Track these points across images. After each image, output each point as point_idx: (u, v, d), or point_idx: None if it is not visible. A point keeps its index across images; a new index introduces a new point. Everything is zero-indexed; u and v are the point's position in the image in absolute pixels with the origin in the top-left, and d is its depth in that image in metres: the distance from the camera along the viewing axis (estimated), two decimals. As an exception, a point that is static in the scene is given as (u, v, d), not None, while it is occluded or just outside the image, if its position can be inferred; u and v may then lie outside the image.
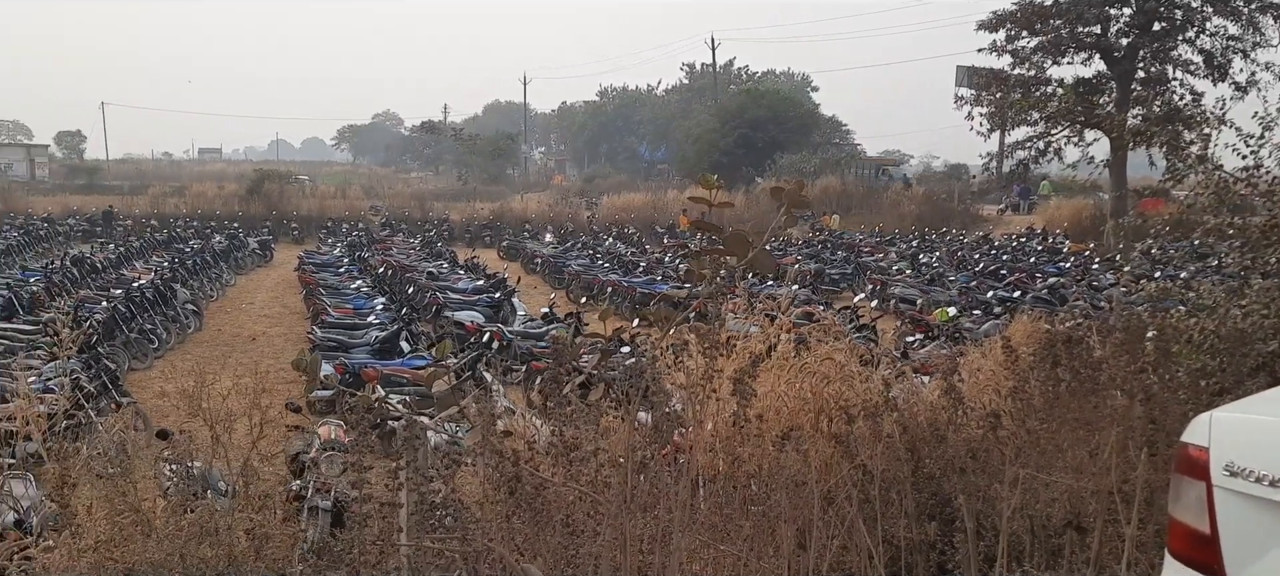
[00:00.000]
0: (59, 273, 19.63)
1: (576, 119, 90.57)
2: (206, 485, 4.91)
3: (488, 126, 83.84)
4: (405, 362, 11.90)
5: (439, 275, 21.06)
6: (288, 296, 22.06)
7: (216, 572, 3.16)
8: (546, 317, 14.87)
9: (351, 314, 15.84)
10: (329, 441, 7.54)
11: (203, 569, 3.15)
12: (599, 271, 22.22)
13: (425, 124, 72.93)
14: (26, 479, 6.01)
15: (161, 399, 11.88)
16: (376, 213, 40.19)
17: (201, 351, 15.50)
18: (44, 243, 29.79)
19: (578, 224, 37.78)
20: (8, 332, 13.63)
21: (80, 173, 65.00)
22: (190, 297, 18.10)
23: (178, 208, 39.28)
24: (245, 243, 28.69)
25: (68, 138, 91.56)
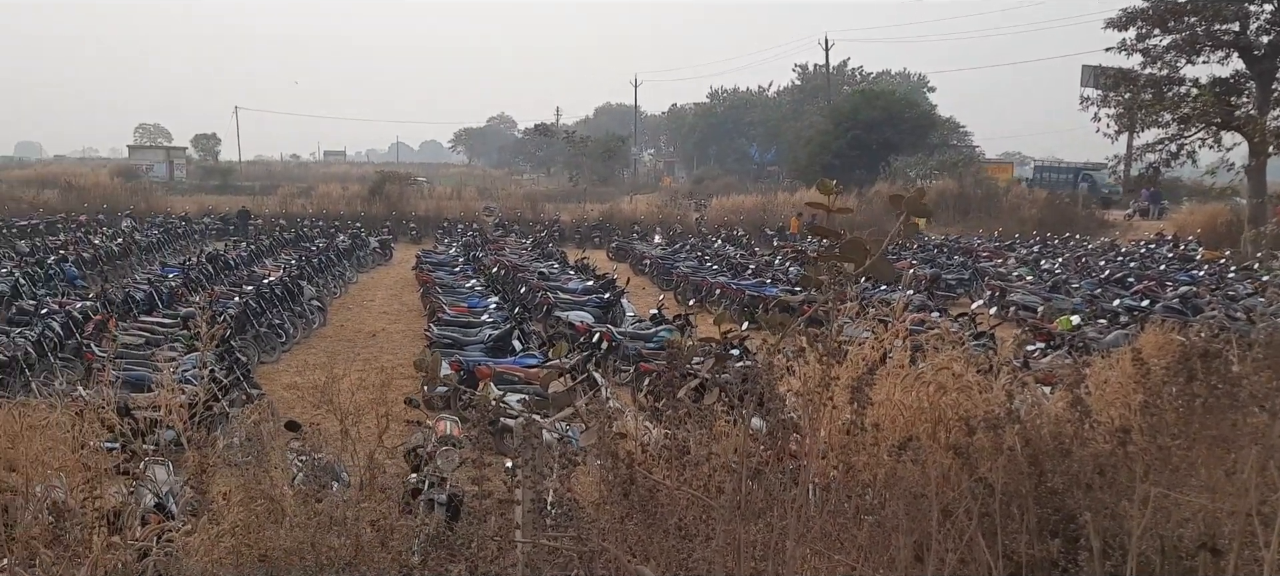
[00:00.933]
0: (195, 269, 20.71)
1: (686, 121, 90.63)
2: (332, 476, 5.12)
3: (599, 129, 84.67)
4: (517, 361, 12.13)
5: (550, 275, 21.39)
6: (406, 294, 22.76)
7: (345, 561, 3.29)
8: (655, 319, 14.94)
9: (466, 312, 16.24)
10: (445, 437, 7.76)
11: (332, 557, 3.28)
12: (707, 274, 22.19)
13: (538, 126, 74.16)
14: (166, 465, 6.37)
15: (289, 391, 12.41)
16: (490, 213, 41.07)
17: (325, 346, 16.15)
18: (181, 240, 31.48)
19: (686, 226, 37.83)
20: (149, 325, 14.43)
21: (215, 174, 68.41)
22: (315, 294, 18.83)
23: (304, 208, 40.95)
24: (367, 242, 29.72)
25: (204, 140, 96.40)
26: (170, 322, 14.49)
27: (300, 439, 5.69)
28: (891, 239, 2.56)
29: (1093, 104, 34.13)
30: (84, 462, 4.59)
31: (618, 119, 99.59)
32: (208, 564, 3.39)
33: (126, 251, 25.98)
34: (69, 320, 13.70)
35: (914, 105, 56.90)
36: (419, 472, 7.14)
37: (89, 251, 24.24)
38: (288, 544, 3.29)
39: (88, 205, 39.56)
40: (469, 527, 2.86)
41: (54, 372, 12.24)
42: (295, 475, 5.15)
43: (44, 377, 11.88)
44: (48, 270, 20.57)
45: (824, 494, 3.24)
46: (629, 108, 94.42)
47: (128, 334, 13.37)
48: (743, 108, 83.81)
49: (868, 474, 3.44)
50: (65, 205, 39.82)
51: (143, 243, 28.08)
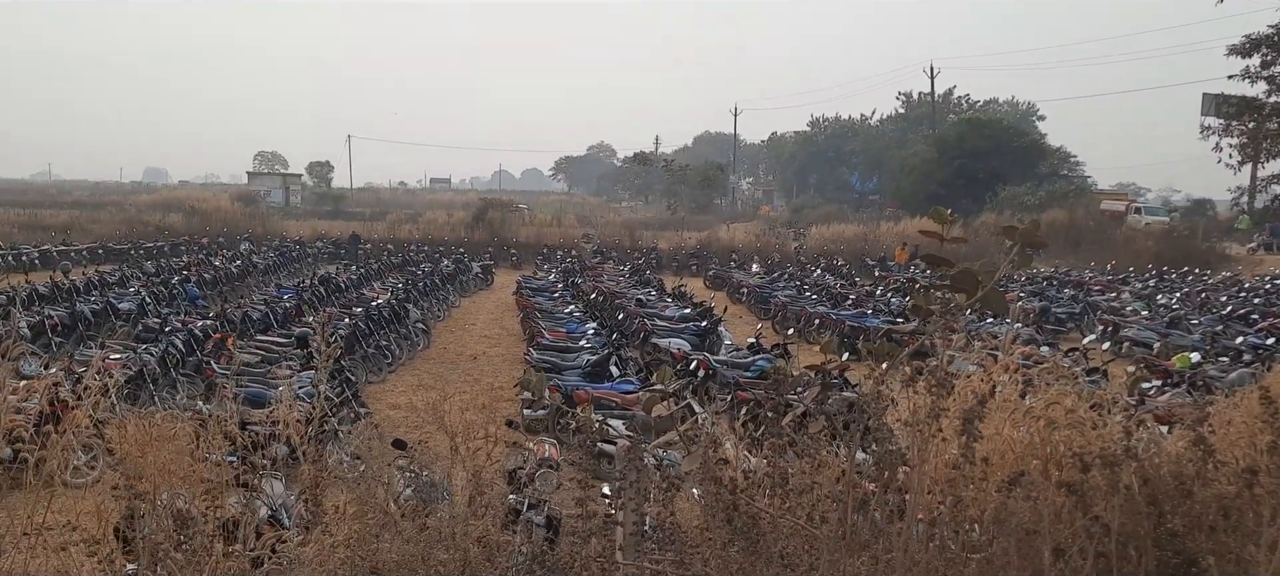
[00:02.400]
0: (308, 291, 21.50)
1: (786, 149, 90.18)
2: (436, 494, 5.25)
3: (697, 157, 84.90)
4: (614, 386, 12.21)
5: (647, 302, 21.50)
6: (506, 319, 23.17)
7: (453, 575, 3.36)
8: (752, 348, 14.85)
9: (564, 337, 16.43)
10: (544, 459, 7.86)
11: (441, 571, 3.36)
12: (806, 303, 21.97)
13: (637, 155, 74.76)
14: (280, 478, 6.62)
15: (393, 411, 12.77)
16: (588, 240, 41.55)
17: (429, 368, 16.55)
18: (296, 263, 32.76)
19: (785, 254, 37.57)
20: (265, 344, 15.03)
21: (328, 200, 71.05)
22: (420, 317, 19.32)
23: (411, 233, 42.16)
24: (469, 267, 30.40)
25: (318, 168, 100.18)
26: (284, 342, 15.05)
27: (406, 457, 5.85)
28: (1004, 270, 2.51)
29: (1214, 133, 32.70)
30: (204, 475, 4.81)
31: (717, 147, 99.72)
32: (321, 573, 3.51)
33: (244, 273, 27.19)
34: (191, 338, 14.37)
35: (1023, 134, 55.48)
36: (518, 494, 7.24)
37: (210, 273, 25.42)
38: (398, 557, 3.39)
39: (209, 229, 41.55)
40: (572, 547, 2.89)
41: (176, 387, 12.85)
42: (401, 491, 5.30)
43: (167, 391, 12.49)
44: (172, 290, 21.63)
45: (930, 528, 3.17)
46: (728, 136, 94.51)
47: (245, 352, 13.94)
48: (844, 136, 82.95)
49: (975, 509, 3.36)
50: (189, 229, 41.92)
51: (260, 265, 29.34)
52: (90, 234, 38.70)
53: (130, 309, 18.54)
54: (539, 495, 6.98)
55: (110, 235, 38.51)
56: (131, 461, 4.36)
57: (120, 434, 4.41)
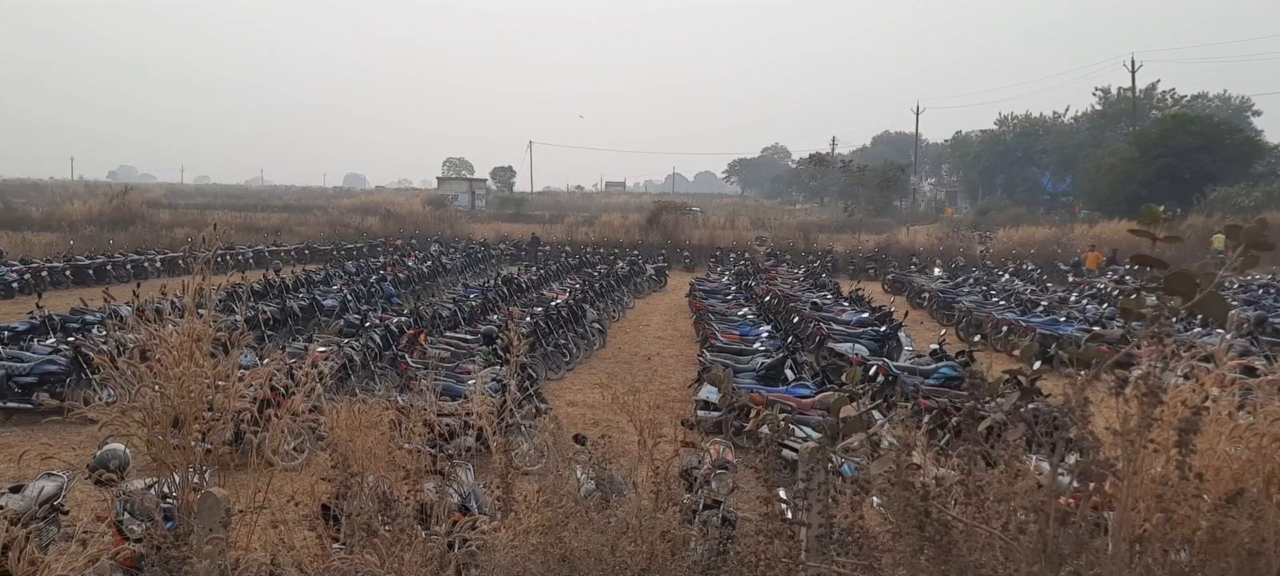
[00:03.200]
0: (492, 291, 22.40)
1: (971, 149, 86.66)
2: (615, 488, 5.37)
3: (876, 157, 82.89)
4: (790, 390, 12.10)
5: (823, 306, 21.18)
6: (679, 320, 23.37)
7: (639, 568, 3.44)
8: (935, 355, 14.36)
9: (738, 340, 16.42)
10: (720, 460, 7.90)
11: (628, 563, 3.45)
12: (993, 309, 21.04)
13: (813, 156, 73.82)
14: (469, 468, 6.95)
15: (572, 407, 13.12)
16: (762, 243, 41.32)
17: (605, 367, 16.90)
18: (480, 264, 34.22)
19: (970, 258, 36.15)
20: (453, 340, 15.77)
21: (509, 203, 73.89)
22: (597, 317, 19.76)
23: (587, 236, 43.23)
24: (643, 269, 30.85)
25: (501, 172, 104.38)
26: (471, 339, 15.75)
27: (585, 452, 6.02)
28: (1226, 272, 2.34)
29: None
30: (402, 461, 5.12)
31: (897, 148, 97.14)
32: (513, 559, 3.67)
33: (434, 273, 28.63)
34: (387, 333, 15.27)
35: (1235, 131, 51.10)
36: (693, 493, 7.30)
37: (404, 272, 26.89)
38: (589, 546, 3.50)
39: (403, 231, 44.00)
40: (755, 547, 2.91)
41: (374, 379, 13.68)
42: (582, 485, 5.46)
43: (366, 383, 13.31)
44: (370, 288, 23.04)
45: (1135, 546, 3.00)
46: (909, 136, 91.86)
47: (435, 347, 14.68)
48: (1034, 135, 78.87)
49: (1186, 528, 3.15)
50: (384, 230, 44.58)
51: (448, 265, 30.82)
52: (297, 235, 41.75)
53: (333, 305, 19.87)
54: (715, 496, 7.03)
55: (315, 236, 41.43)
56: (341, 446, 4.70)
57: (332, 420, 4.75)
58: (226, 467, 5.01)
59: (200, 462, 4.30)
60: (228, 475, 5.07)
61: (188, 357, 4.20)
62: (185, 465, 4.30)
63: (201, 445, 4.26)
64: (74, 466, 7.48)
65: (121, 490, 5.59)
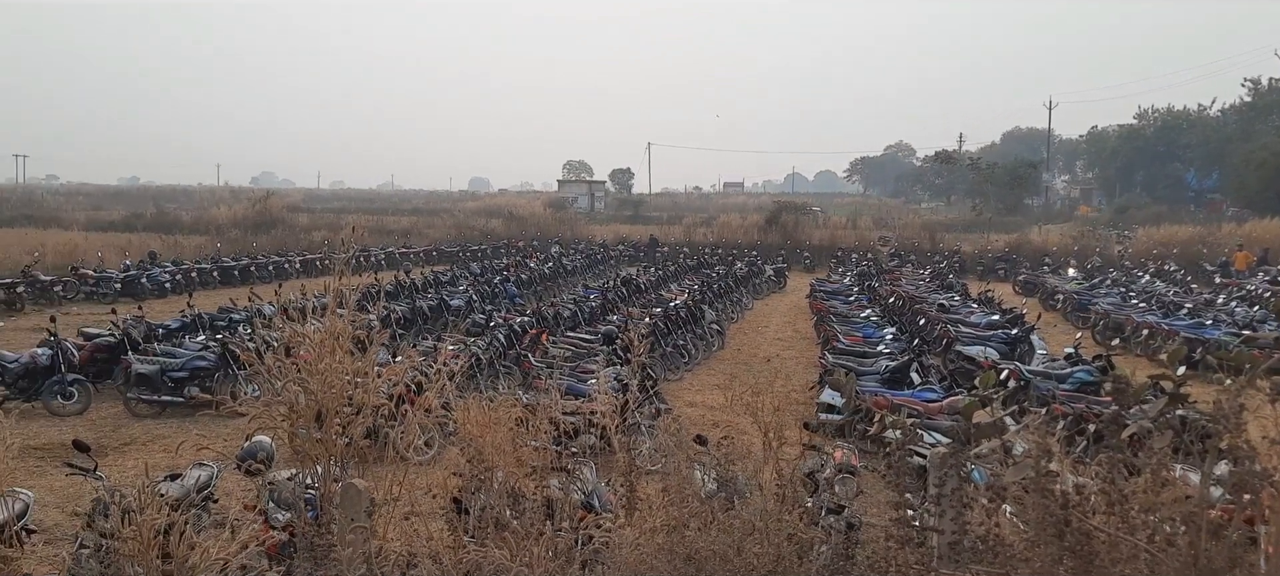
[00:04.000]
0: (612, 291, 22.64)
1: (1108, 144, 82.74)
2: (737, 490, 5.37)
3: (1006, 154, 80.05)
4: (916, 394, 11.82)
5: (950, 308, 20.61)
6: (799, 322, 23.12)
7: (766, 570, 3.44)
8: (1070, 359, 13.77)
9: (861, 342, 16.13)
10: (842, 464, 7.79)
11: (754, 564, 3.45)
12: (1133, 311, 20.06)
13: (939, 154, 71.60)
14: (591, 466, 7.05)
15: (690, 408, 13.15)
16: (885, 243, 40.48)
17: (723, 368, 16.85)
18: (600, 265, 34.64)
19: (1107, 258, 34.55)
20: (573, 340, 16.03)
21: (628, 205, 74.56)
22: (715, 318, 19.72)
23: (706, 237, 43.22)
24: (762, 270, 30.64)
25: (620, 175, 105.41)
26: (591, 339, 15.97)
27: (706, 452, 6.03)
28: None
29: None
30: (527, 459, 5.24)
31: (1027, 144, 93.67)
32: (639, 557, 3.72)
33: (555, 274, 29.15)
34: (511, 332, 15.62)
35: None
36: (816, 497, 7.22)
37: (526, 273, 27.47)
38: (713, 547, 3.52)
39: (525, 233, 44.94)
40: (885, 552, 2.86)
41: (498, 377, 14.02)
42: (703, 485, 5.48)
43: (491, 381, 13.65)
44: (494, 288, 23.63)
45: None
46: (1041, 132, 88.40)
47: (556, 347, 14.95)
48: (1177, 128, 74.67)
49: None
50: (507, 232, 45.67)
51: (568, 267, 31.33)
52: (425, 237, 43.16)
53: (460, 305, 20.46)
54: (838, 500, 6.93)
55: (442, 238, 42.75)
56: (471, 441, 4.84)
57: (464, 416, 4.90)
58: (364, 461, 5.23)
59: (341, 455, 4.50)
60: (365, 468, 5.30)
61: (330, 354, 4.40)
62: (327, 457, 4.51)
63: (342, 439, 4.46)
64: (223, 457, 7.94)
65: (267, 480, 5.91)
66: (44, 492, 8.62)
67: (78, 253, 29.45)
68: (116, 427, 12.09)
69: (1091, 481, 3.23)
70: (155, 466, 5.92)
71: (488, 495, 4.98)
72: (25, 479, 9.18)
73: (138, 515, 3.74)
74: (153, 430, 11.95)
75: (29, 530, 6.47)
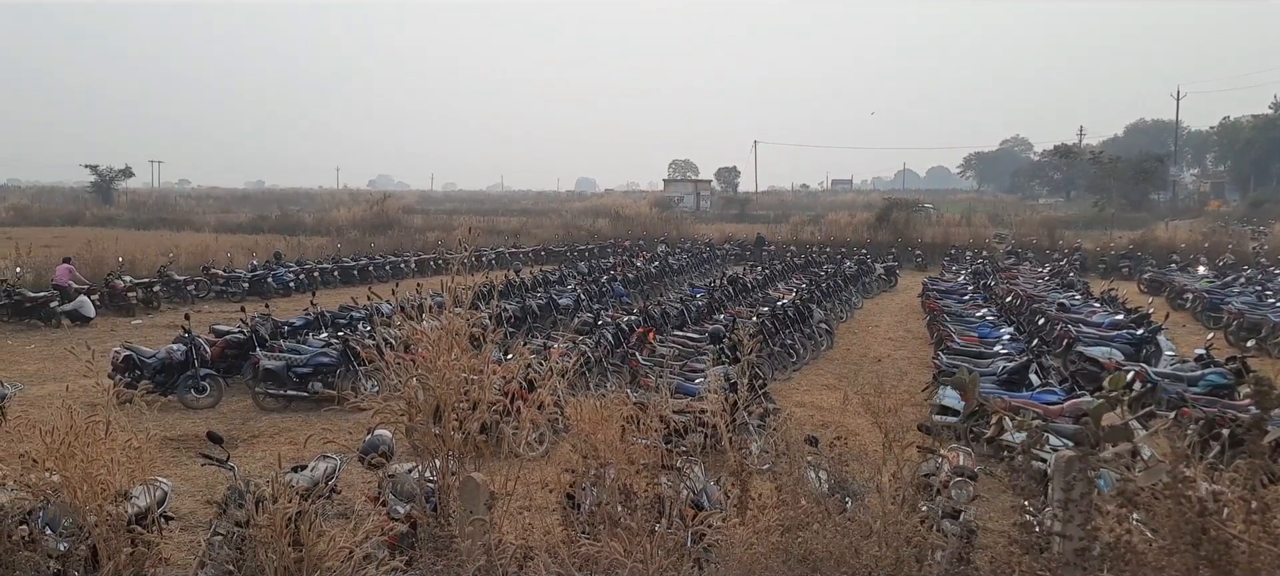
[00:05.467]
0: (718, 290, 22.57)
1: (1241, 135, 78.34)
2: (852, 492, 5.30)
3: (1130, 148, 76.68)
4: (1035, 396, 11.43)
5: (1070, 307, 19.86)
6: (911, 321, 22.62)
7: (884, 573, 3.39)
8: (1201, 360, 13.10)
9: (976, 342, 15.68)
10: (957, 467, 7.59)
11: (872, 567, 3.41)
12: (1270, 311, 18.95)
13: (1058, 148, 69.07)
14: (699, 464, 7.06)
15: (799, 408, 13.01)
16: (1001, 241, 39.25)
17: (832, 368, 16.63)
18: (706, 264, 34.60)
19: (1240, 255, 32.71)
20: (680, 339, 16.04)
21: (733, 204, 74.24)
22: (823, 317, 19.45)
23: (813, 235, 42.72)
24: (872, 268, 30.09)
25: (725, 173, 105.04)
26: (698, 338, 15.95)
27: (818, 453, 5.96)
28: None
29: None
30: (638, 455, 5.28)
31: (1153, 137, 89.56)
32: (753, 556, 3.71)
33: (661, 273, 29.24)
34: (618, 331, 15.75)
35: None
36: (931, 502, 7.07)
37: (632, 272, 27.62)
38: (829, 548, 3.49)
39: (631, 232, 45.23)
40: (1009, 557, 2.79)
41: (607, 375, 14.15)
42: (817, 486, 5.43)
43: (599, 379, 13.80)
44: (602, 288, 23.84)
45: None
46: (1168, 123, 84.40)
47: (663, 345, 14.99)
48: (1317, 118, 70.19)
49: None
50: (614, 232, 46.05)
51: (674, 265, 31.39)
52: (534, 238, 43.89)
53: (568, 304, 20.73)
54: (955, 504, 6.77)
55: (550, 238, 43.40)
56: (584, 438, 4.91)
57: (577, 413, 4.98)
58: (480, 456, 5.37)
59: (458, 450, 4.63)
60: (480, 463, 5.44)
61: (446, 352, 4.53)
62: (444, 452, 4.64)
63: (459, 434, 4.58)
64: (346, 450, 8.25)
65: (387, 473, 6.12)
66: (180, 482, 9.09)
67: (209, 253, 30.97)
68: (245, 421, 12.68)
69: (1228, 488, 3.08)
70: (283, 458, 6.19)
71: (600, 491, 5.05)
72: (163, 468, 9.72)
73: (270, 504, 3.93)
74: (279, 423, 12.49)
75: (168, 517, 6.84)
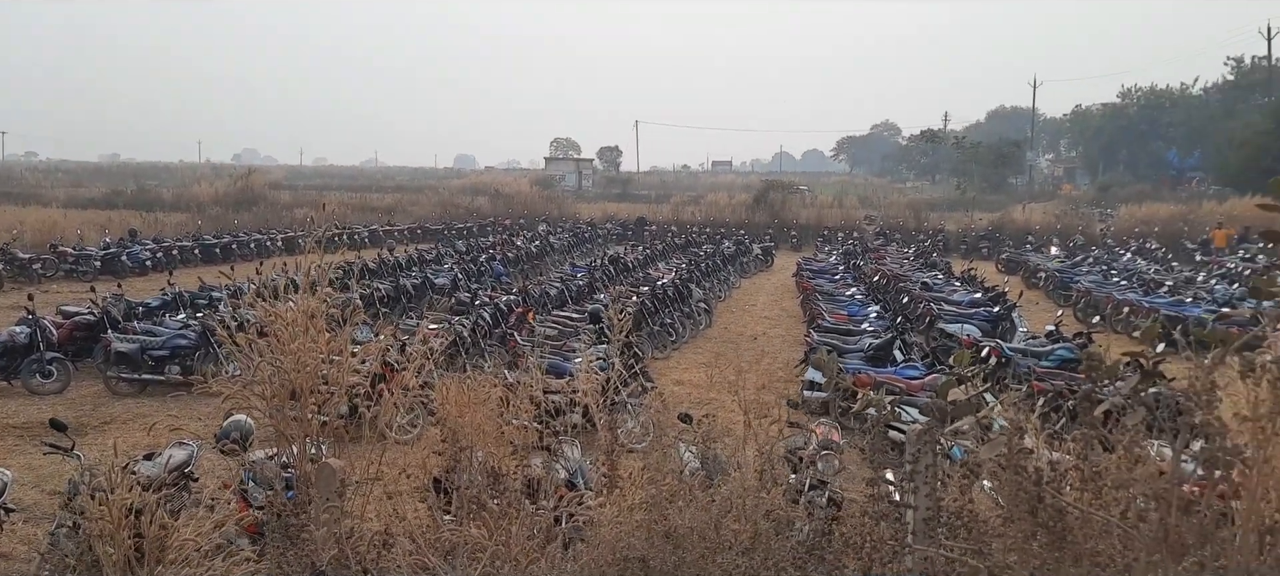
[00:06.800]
0: (599, 270, 22.62)
1: (1092, 123, 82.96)
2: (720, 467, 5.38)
3: (990, 133, 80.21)
4: (898, 371, 11.88)
5: (933, 286, 20.69)
6: (785, 300, 23.17)
7: (743, 546, 3.45)
8: (1051, 336, 13.87)
9: (846, 320, 16.18)
10: (824, 441, 7.81)
11: (732, 541, 3.46)
12: (1114, 289, 20.20)
13: (924, 133, 71.72)
14: (575, 444, 7.06)
15: (677, 386, 13.16)
16: (871, 222, 40.56)
17: (710, 347, 16.89)
18: (587, 244, 34.58)
19: (1089, 236, 34.73)
20: (560, 319, 16.01)
21: (616, 183, 74.32)
22: (702, 297, 19.73)
23: (694, 215, 43.17)
24: (749, 249, 30.68)
25: (607, 153, 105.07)
26: (578, 317, 15.95)
27: (690, 431, 6.03)
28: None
29: None
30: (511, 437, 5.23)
31: (1012, 123, 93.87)
32: (619, 534, 3.72)
33: (542, 253, 29.08)
34: (496, 311, 15.59)
35: (1387, 99, 47.51)
36: (799, 474, 7.25)
37: (512, 252, 27.40)
38: (694, 523, 3.52)
39: (511, 211, 44.77)
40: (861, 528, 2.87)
41: (484, 355, 13.99)
42: (688, 463, 5.48)
43: (476, 360, 13.62)
44: (480, 267, 23.57)
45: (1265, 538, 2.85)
46: (1025, 110, 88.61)
47: (543, 325, 14.92)
48: (1159, 107, 74.88)
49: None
50: (493, 210, 45.46)
51: (555, 245, 31.27)
52: (410, 215, 42.93)
53: (445, 284, 20.39)
54: (820, 476, 6.96)
55: (427, 216, 42.52)
56: (450, 421, 4.83)
57: (442, 395, 4.88)
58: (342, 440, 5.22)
59: (317, 434, 4.48)
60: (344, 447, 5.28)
61: (303, 333, 4.37)
62: (303, 437, 4.48)
63: (318, 417, 4.43)
64: (202, 437, 7.91)
65: (245, 460, 5.88)
66: (23, 472, 8.56)
67: (57, 230, 29.13)
68: (96, 406, 12.02)
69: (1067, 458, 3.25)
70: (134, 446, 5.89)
71: (468, 474, 4.97)
72: (3, 458, 9.14)
73: (108, 495, 3.72)
74: (133, 409, 11.89)
75: (8, 509, 6.44)
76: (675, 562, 3.32)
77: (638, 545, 3.45)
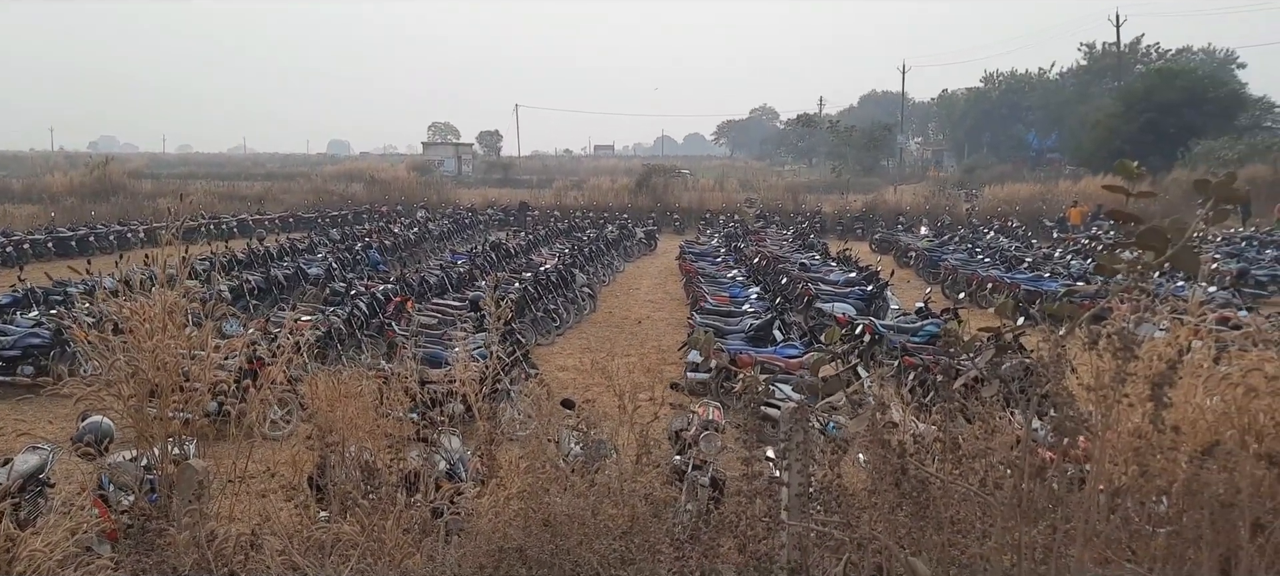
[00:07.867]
0: (480, 257, 22.34)
1: (957, 107, 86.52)
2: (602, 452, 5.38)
3: (863, 117, 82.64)
4: (778, 351, 12.14)
5: (811, 266, 21.21)
6: (669, 283, 23.37)
7: (621, 530, 3.46)
8: (920, 313, 14.43)
9: (727, 302, 16.44)
10: (708, 421, 7.93)
11: (609, 525, 3.47)
12: (978, 266, 21.14)
13: (801, 117, 73.46)
14: (456, 434, 6.95)
15: (562, 372, 13.13)
16: (751, 205, 41.25)
17: (595, 332, 16.92)
18: (468, 230, 34.07)
19: (955, 216, 36.22)
20: (441, 307, 15.74)
21: (497, 168, 73.45)
22: (586, 282, 19.72)
23: (577, 200, 43.02)
24: (633, 232, 30.79)
25: (488, 137, 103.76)
26: (459, 305, 15.71)
27: (574, 416, 6.02)
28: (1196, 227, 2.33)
29: None
30: (387, 429, 5.11)
31: (884, 107, 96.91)
32: (497, 524, 3.68)
33: (421, 239, 28.52)
34: (373, 300, 15.22)
35: (1220, 84, 50.97)
36: (683, 454, 7.34)
37: (390, 239, 26.77)
38: (569, 510, 3.51)
39: (388, 198, 43.71)
40: (737, 506, 2.92)
41: (361, 347, 13.65)
42: (570, 449, 5.47)
43: (352, 351, 13.27)
44: (355, 256, 22.94)
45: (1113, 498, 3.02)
46: (896, 95, 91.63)
47: (423, 314, 14.65)
48: (1020, 92, 78.69)
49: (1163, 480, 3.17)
50: (369, 197, 44.28)
51: (435, 232, 30.70)
52: (281, 203, 41.42)
53: (318, 273, 19.79)
54: (703, 456, 7.06)
55: (299, 204, 41.10)
56: (322, 415, 4.69)
57: (312, 390, 4.73)
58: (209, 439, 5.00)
59: (179, 434, 4.28)
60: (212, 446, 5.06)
61: (161, 329, 4.16)
62: (164, 437, 4.28)
63: (180, 416, 4.23)
64: (59, 440, 7.46)
65: (104, 463, 5.58)
66: None
67: (-110, 225, 27.04)
68: (-62, 413, 11.21)
69: (931, 429, 3.38)
70: (-22, 453, 5.51)
71: (341, 470, 4.84)
72: None
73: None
74: (-19, 414, 11.14)
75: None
76: (552, 550, 3.31)
77: (515, 535, 3.42)
